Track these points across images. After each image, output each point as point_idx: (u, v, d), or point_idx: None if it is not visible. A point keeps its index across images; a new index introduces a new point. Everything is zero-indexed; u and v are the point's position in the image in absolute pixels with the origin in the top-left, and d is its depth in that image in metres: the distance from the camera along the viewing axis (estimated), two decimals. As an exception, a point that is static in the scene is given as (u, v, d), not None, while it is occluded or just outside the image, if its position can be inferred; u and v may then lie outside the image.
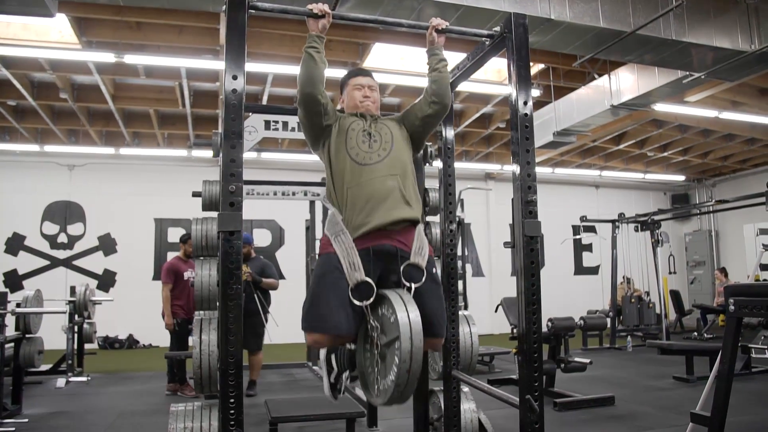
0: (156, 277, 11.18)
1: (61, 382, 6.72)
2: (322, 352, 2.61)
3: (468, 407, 3.80)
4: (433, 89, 2.67)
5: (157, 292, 10.54)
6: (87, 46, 6.71)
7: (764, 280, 11.29)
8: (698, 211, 12.55)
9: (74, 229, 11.01)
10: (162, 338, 10.59)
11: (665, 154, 11.92)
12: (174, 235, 11.40)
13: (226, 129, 2.33)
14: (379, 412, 4.79)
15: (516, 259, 2.75)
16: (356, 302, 2.25)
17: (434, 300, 2.39)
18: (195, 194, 4.03)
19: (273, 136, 3.90)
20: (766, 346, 6.65)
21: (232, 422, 2.25)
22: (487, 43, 2.99)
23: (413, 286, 2.30)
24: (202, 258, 3.63)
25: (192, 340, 3.50)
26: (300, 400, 4.83)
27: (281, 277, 11.34)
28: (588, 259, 14.00)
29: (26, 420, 5.06)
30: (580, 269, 13.86)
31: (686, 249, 14.47)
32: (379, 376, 2.22)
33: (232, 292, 2.26)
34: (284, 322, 7.77)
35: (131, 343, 10.77)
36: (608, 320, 10.01)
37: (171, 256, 11.19)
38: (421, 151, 3.06)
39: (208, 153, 10.76)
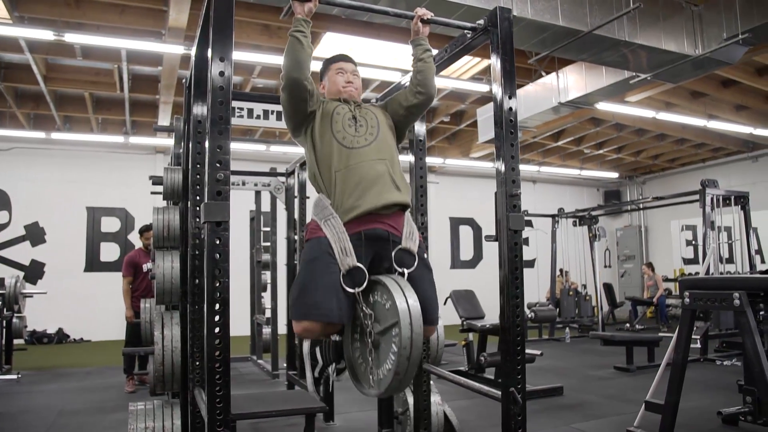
0: (87, 268, 10.70)
1: (-12, 380, 6.32)
2: (306, 345, 2.52)
3: (434, 400, 3.80)
4: (419, 80, 2.63)
5: (89, 284, 10.21)
6: (19, 22, 6.28)
7: (689, 274, 11.92)
8: (634, 207, 13.10)
9: (-2, 217, 10.34)
10: (94, 332, 10.19)
11: (601, 151, 12.36)
12: (107, 225, 10.93)
13: (214, 114, 2.20)
14: (335, 407, 4.74)
15: (499, 252, 2.76)
16: (348, 289, 2.17)
17: (427, 286, 2.33)
18: (155, 181, 3.82)
19: (239, 124, 3.76)
20: (698, 336, 6.99)
21: (219, 423, 2.15)
22: (468, 35, 2.97)
23: (406, 271, 2.24)
24: (163, 249, 3.46)
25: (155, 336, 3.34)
26: (257, 395, 4.69)
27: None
28: (524, 253, 14.32)
29: (-45, 423, 4.72)
30: (517, 262, 14.20)
31: (617, 243, 15.10)
32: (373, 366, 2.15)
33: (221, 286, 2.15)
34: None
35: (61, 337, 10.22)
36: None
37: (104, 246, 10.83)
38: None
39: (145, 140, 10.38)
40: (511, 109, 2.70)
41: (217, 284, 2.18)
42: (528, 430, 4.42)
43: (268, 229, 7.40)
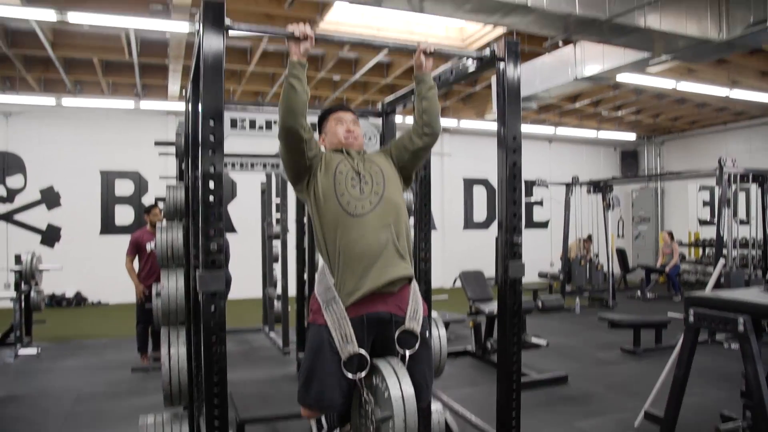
0: (103, 231, 10.86)
1: (9, 356, 6.51)
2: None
3: (435, 408, 3.88)
4: (425, 120, 2.51)
5: (104, 247, 10.38)
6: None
7: (704, 240, 11.83)
8: (650, 176, 12.92)
9: (13, 181, 10.44)
10: (111, 295, 10.42)
11: (619, 113, 12.07)
12: (121, 187, 11.03)
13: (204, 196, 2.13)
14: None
15: (498, 298, 2.74)
16: (349, 375, 2.19)
17: (424, 366, 2.34)
18: (158, 199, 3.81)
19: (239, 136, 3.69)
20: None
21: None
22: (475, 65, 2.86)
23: (407, 353, 2.24)
24: (168, 269, 3.48)
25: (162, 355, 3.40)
26: (268, 393, 4.80)
27: (232, 230, 11.22)
28: (538, 214, 14.28)
29: (-24, 408, 4.90)
30: (530, 223, 14.14)
31: (632, 205, 14.93)
32: None
33: (217, 358, 2.17)
34: (237, 275, 7.68)
35: (79, 300, 10.50)
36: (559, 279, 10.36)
37: (119, 209, 10.95)
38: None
39: (156, 104, 10.30)
40: (515, 152, 2.63)
41: (215, 350, 2.20)
42: (528, 427, 4.55)
43: (279, 201, 7.37)
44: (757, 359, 3.31)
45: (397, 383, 2.09)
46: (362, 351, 2.19)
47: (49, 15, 5.87)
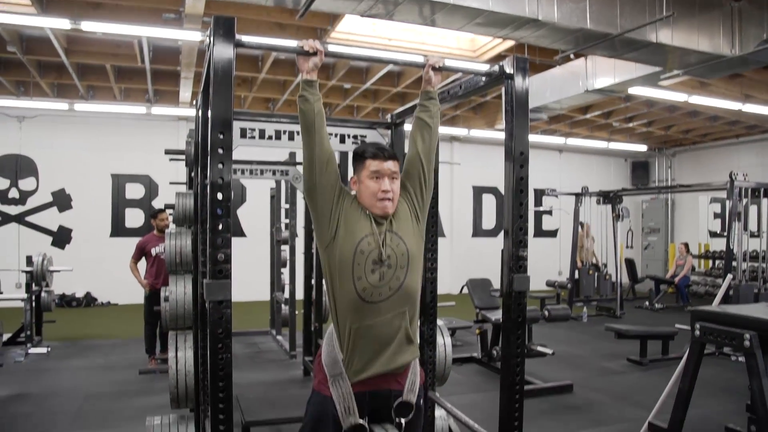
0: (113, 233, 10.97)
1: (20, 354, 6.59)
2: None
3: (439, 415, 3.90)
4: (424, 135, 2.45)
5: (114, 249, 10.48)
6: (37, 4, 6.27)
7: (713, 252, 11.77)
8: (659, 193, 12.87)
9: (26, 183, 10.58)
10: (120, 296, 10.51)
11: (630, 125, 12.05)
12: (132, 191, 11.14)
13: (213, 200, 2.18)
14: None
15: (503, 310, 2.76)
16: None
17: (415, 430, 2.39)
18: (167, 206, 3.86)
19: (249, 146, 3.72)
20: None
21: None
22: (483, 80, 2.89)
23: (403, 421, 2.27)
24: (176, 274, 3.53)
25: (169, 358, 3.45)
26: (274, 397, 4.84)
27: (242, 234, 11.29)
28: (547, 223, 14.26)
29: (-13, 405, 4.97)
30: (539, 232, 14.13)
31: (642, 216, 14.87)
32: None
33: (223, 365, 2.21)
34: (246, 279, 7.72)
35: (89, 301, 10.60)
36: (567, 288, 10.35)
37: (129, 212, 11.07)
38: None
39: (167, 110, 10.41)
40: (522, 166, 2.66)
41: (220, 358, 2.24)
42: (532, 436, 4.55)
43: (288, 206, 7.41)
44: (763, 375, 3.29)
45: None
46: (362, 422, 2.21)
47: (63, 24, 5.97)
